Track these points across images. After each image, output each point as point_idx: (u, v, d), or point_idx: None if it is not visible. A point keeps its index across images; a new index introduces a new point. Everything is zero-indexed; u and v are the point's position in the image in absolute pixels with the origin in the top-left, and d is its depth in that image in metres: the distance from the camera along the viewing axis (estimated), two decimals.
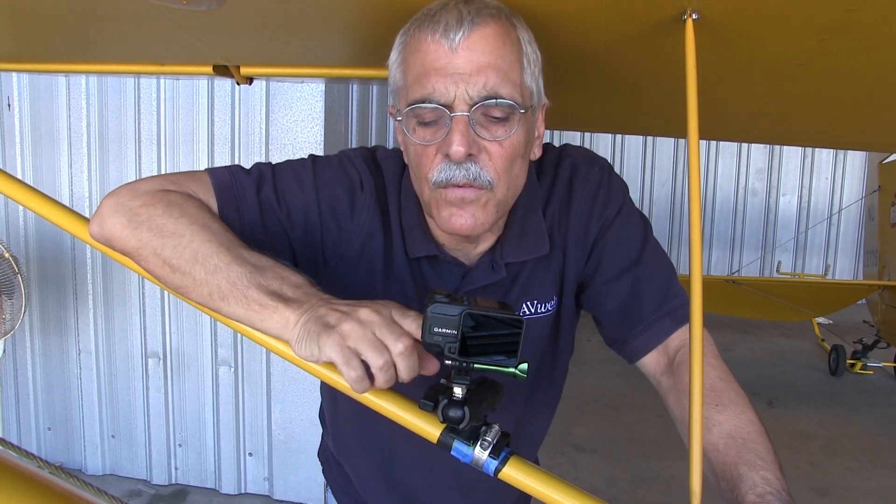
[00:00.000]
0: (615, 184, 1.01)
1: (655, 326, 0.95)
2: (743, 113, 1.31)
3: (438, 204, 0.86)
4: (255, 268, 0.75)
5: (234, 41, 1.07)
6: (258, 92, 2.81)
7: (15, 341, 3.23)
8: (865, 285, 5.54)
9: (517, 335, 0.67)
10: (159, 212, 0.80)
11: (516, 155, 0.85)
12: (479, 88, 0.79)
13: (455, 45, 0.78)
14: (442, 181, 0.83)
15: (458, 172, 0.81)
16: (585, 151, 1.04)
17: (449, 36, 0.78)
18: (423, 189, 0.88)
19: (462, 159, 0.80)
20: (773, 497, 0.71)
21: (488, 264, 0.97)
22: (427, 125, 0.83)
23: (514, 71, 0.82)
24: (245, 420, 3.11)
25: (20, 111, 3.06)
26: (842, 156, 8.24)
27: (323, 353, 0.68)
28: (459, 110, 0.80)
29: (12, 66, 1.33)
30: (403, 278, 0.98)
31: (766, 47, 0.87)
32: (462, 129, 0.79)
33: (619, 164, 8.43)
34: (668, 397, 0.92)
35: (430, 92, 0.80)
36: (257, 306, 0.73)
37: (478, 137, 0.81)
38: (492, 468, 0.71)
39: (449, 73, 0.79)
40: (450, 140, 0.80)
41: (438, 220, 0.88)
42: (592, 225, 0.99)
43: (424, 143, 0.83)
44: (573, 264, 1.01)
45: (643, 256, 0.98)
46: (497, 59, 0.80)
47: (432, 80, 0.79)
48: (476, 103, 0.79)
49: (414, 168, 0.88)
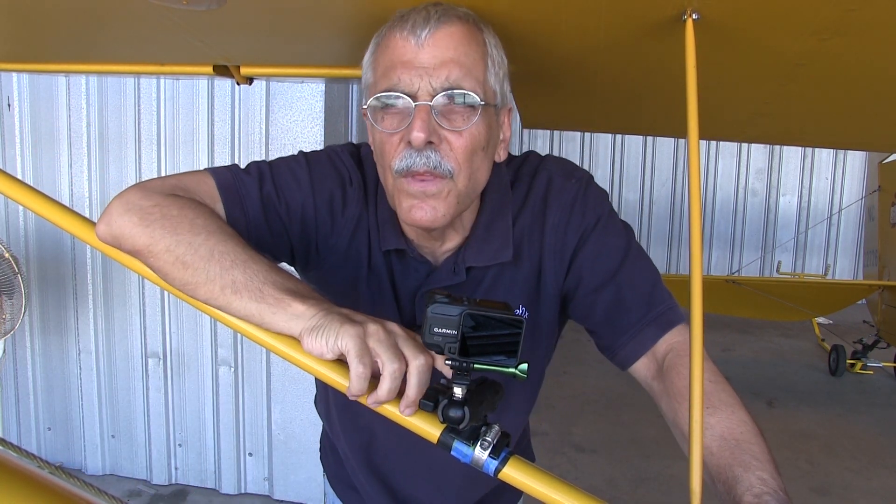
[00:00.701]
0: (592, 195, 1.02)
1: (642, 334, 0.96)
2: (743, 113, 1.31)
3: (400, 195, 0.89)
4: (271, 268, 0.78)
5: (234, 41, 1.07)
6: (258, 92, 2.81)
7: (15, 341, 3.23)
8: (865, 285, 5.54)
9: (517, 335, 0.67)
10: (174, 212, 0.82)
11: (476, 147, 0.88)
12: (442, 80, 0.83)
13: (421, 42, 0.83)
14: (403, 169, 0.86)
15: (419, 160, 0.84)
16: (565, 164, 1.06)
17: (416, 32, 0.83)
18: (387, 179, 0.90)
19: (422, 146, 0.83)
20: (771, 497, 0.71)
21: (451, 266, 1.00)
22: (392, 115, 0.86)
23: (477, 68, 0.86)
24: (245, 420, 3.11)
25: (20, 111, 3.06)
26: (842, 156, 8.24)
27: (340, 341, 0.68)
28: (423, 99, 0.83)
29: (12, 66, 1.33)
30: (380, 272, 1.01)
31: (766, 47, 0.87)
32: (423, 117, 0.83)
33: (619, 164, 8.44)
34: (660, 402, 0.93)
35: (395, 82, 0.84)
36: (272, 299, 0.74)
37: (439, 127, 0.84)
38: (492, 468, 0.71)
39: (414, 67, 0.83)
40: (411, 126, 0.83)
41: (400, 212, 0.90)
42: (569, 238, 1.00)
43: (389, 132, 0.86)
44: (551, 278, 1.02)
45: (625, 265, 0.99)
46: (460, 56, 0.84)
47: (398, 71, 0.84)
48: (438, 93, 0.83)
49: (379, 158, 0.91)
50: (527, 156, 1.07)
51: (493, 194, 0.99)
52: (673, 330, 0.95)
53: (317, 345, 0.70)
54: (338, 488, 1.34)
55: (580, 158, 8.40)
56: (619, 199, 8.38)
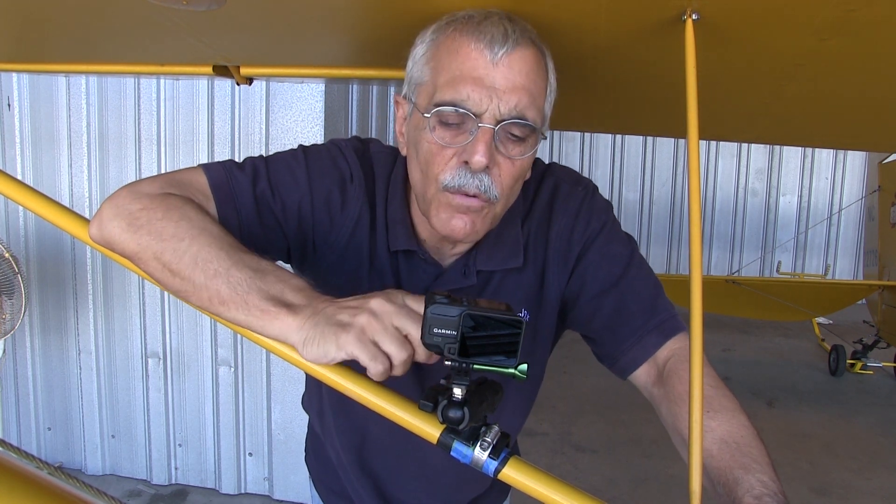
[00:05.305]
0: (597, 203, 1.03)
1: (644, 341, 0.96)
2: (743, 113, 1.31)
3: (440, 205, 0.87)
4: (255, 272, 0.75)
5: (234, 41, 1.07)
6: (258, 92, 2.81)
7: (15, 341, 3.23)
8: (865, 285, 5.55)
9: (517, 335, 0.67)
10: (159, 216, 0.80)
11: (522, 176, 0.89)
12: (511, 107, 0.81)
13: (497, 59, 0.80)
14: (453, 186, 0.84)
15: (472, 181, 0.83)
16: (570, 172, 1.06)
17: (493, 49, 0.80)
18: (427, 187, 0.88)
19: (480, 169, 0.82)
20: (771, 499, 0.71)
21: (461, 269, 0.99)
22: (449, 127, 0.84)
23: (540, 97, 0.86)
24: (245, 420, 3.11)
25: (20, 111, 3.06)
26: (842, 156, 8.24)
27: (344, 351, 0.68)
28: (488, 122, 0.81)
29: (12, 66, 1.33)
30: (385, 271, 0.99)
31: (766, 47, 0.87)
32: (487, 140, 0.81)
33: (619, 164, 8.44)
34: (660, 407, 0.93)
35: (464, 98, 0.81)
36: (258, 311, 0.72)
37: (496, 152, 0.83)
38: (491, 469, 0.71)
39: (486, 85, 0.80)
40: (474, 149, 0.81)
41: (436, 220, 0.89)
42: (574, 244, 1.00)
43: (444, 144, 0.84)
44: (554, 283, 1.02)
45: (628, 273, 0.99)
46: (530, 83, 0.83)
47: (469, 86, 0.81)
48: (504, 120, 0.81)
49: (423, 165, 0.88)
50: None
51: None
52: (675, 337, 0.95)
53: (315, 355, 0.70)
54: (322, 492, 1.33)
55: (580, 158, 8.40)
56: (619, 199, 8.38)
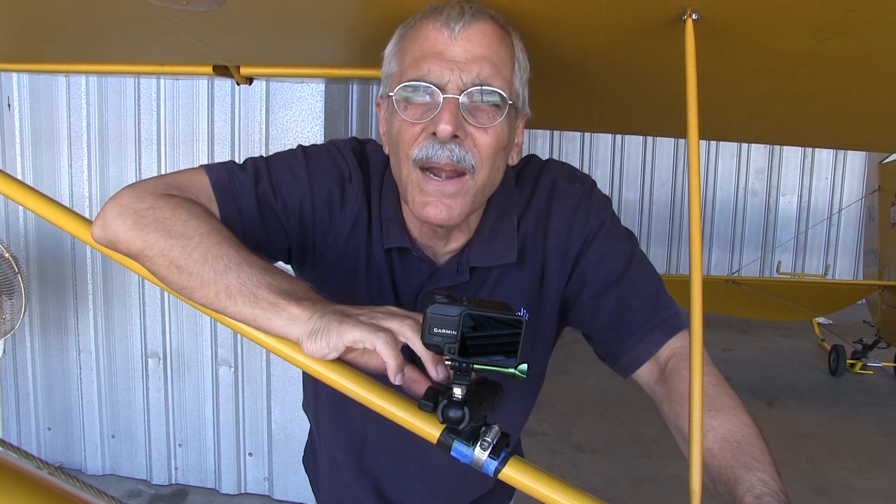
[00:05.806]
0: (596, 200, 1.02)
1: (646, 339, 0.95)
2: (743, 113, 1.31)
3: (414, 189, 0.87)
4: (265, 270, 0.77)
5: (234, 41, 1.07)
6: (258, 92, 2.81)
7: (15, 341, 3.23)
8: (865, 285, 5.55)
9: (517, 335, 0.67)
10: (167, 214, 0.81)
11: (499, 146, 0.87)
12: (473, 76, 0.82)
13: (455, 35, 0.82)
14: (422, 158, 0.84)
15: (441, 152, 0.83)
16: (568, 168, 1.06)
17: (450, 25, 0.82)
18: (401, 169, 0.89)
19: (447, 138, 0.82)
20: (771, 498, 0.71)
21: (454, 266, 0.99)
22: (416, 106, 0.85)
23: (506, 68, 0.85)
24: (245, 420, 3.11)
25: (20, 111, 3.06)
26: (842, 156, 8.24)
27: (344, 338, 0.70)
28: (452, 92, 0.82)
29: (12, 66, 1.33)
30: (381, 270, 1.00)
31: (766, 47, 0.87)
32: (451, 110, 0.82)
33: (619, 164, 8.44)
34: (662, 405, 0.92)
35: (425, 73, 0.83)
36: (266, 304, 0.74)
37: (465, 122, 0.83)
38: (492, 469, 0.71)
39: (446, 59, 0.82)
40: (438, 118, 0.82)
41: (413, 206, 0.89)
42: (573, 242, 1.00)
43: (412, 121, 0.85)
44: (554, 282, 1.02)
45: (629, 270, 0.98)
46: (492, 54, 0.84)
47: (429, 62, 0.83)
48: (468, 88, 0.83)
49: (395, 146, 0.89)
50: (529, 158, 1.06)
51: (499, 196, 0.97)
52: (677, 335, 0.94)
53: (318, 347, 0.71)
54: (320, 497, 1.33)
55: (580, 158, 8.40)
56: (619, 199, 8.38)
